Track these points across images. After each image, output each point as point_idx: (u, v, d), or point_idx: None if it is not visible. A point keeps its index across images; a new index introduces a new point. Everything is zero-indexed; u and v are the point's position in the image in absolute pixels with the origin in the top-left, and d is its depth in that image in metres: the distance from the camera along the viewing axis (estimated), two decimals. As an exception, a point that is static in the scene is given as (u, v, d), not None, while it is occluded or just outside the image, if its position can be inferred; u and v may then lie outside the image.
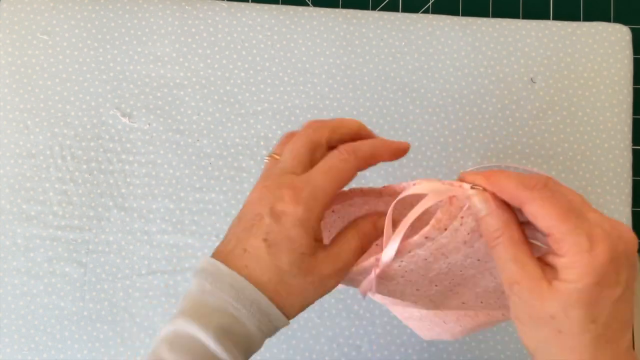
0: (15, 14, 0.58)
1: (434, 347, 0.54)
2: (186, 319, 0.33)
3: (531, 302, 0.30)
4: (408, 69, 0.57)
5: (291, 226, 0.33)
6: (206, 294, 0.34)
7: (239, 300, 0.33)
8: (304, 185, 0.34)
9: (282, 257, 0.33)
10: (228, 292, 0.33)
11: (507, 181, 0.31)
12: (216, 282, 0.34)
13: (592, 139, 0.56)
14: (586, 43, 0.57)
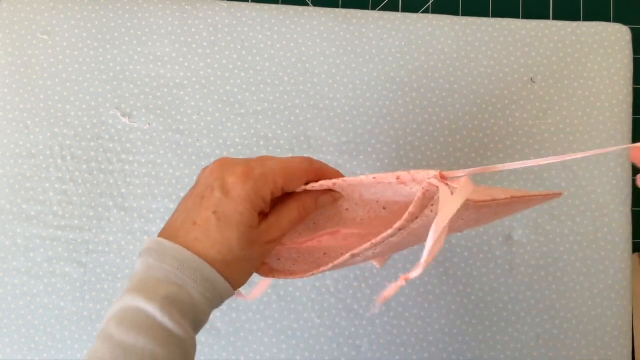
0: (15, 14, 0.58)
1: (434, 347, 0.54)
2: (132, 294, 0.34)
3: None
4: (408, 69, 0.57)
5: (240, 201, 0.35)
6: (151, 269, 0.34)
7: (182, 270, 0.34)
8: (257, 166, 0.36)
9: (231, 231, 0.35)
10: (171, 263, 0.34)
11: None
12: (159, 256, 0.35)
13: (592, 139, 0.56)
14: (586, 43, 0.57)
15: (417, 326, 0.54)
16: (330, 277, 0.55)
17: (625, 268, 0.55)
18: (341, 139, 0.57)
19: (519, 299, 0.55)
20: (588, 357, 0.54)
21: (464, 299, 0.55)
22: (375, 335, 0.54)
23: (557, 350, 0.54)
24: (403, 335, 0.54)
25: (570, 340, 0.54)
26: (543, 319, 0.54)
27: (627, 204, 0.56)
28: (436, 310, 0.54)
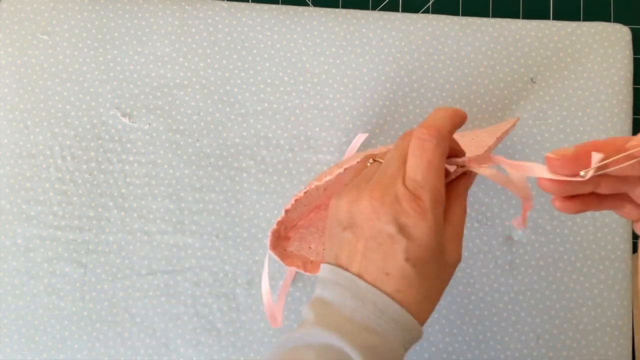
0: (15, 14, 0.58)
1: (434, 347, 0.54)
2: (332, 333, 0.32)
3: None
4: (408, 69, 0.57)
5: (428, 239, 0.33)
6: (349, 310, 0.33)
7: (385, 320, 0.32)
8: (421, 193, 0.33)
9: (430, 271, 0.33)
10: (373, 311, 0.32)
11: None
12: (358, 299, 0.33)
13: (592, 139, 0.56)
14: (586, 43, 0.57)
15: (417, 326, 0.54)
16: (330, 277, 0.55)
17: (625, 268, 0.55)
18: (341, 139, 0.57)
19: (519, 299, 0.55)
20: (588, 357, 0.54)
21: (464, 299, 0.55)
22: (375, 335, 0.54)
23: (557, 350, 0.54)
24: (403, 335, 0.54)
25: (570, 340, 0.54)
26: (543, 319, 0.54)
27: (627, 204, 0.56)
28: (436, 310, 0.54)
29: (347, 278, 0.33)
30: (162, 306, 0.55)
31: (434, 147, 0.34)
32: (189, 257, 0.55)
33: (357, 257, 0.34)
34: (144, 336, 0.54)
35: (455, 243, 0.35)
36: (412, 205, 0.33)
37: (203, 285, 0.55)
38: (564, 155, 0.30)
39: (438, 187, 0.33)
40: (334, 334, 0.32)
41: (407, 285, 0.33)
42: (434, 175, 0.33)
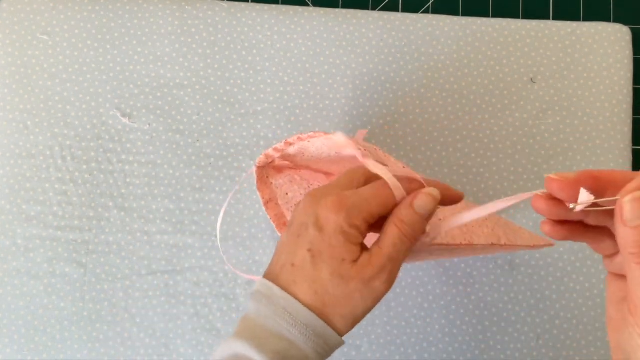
0: (15, 14, 0.58)
1: (434, 347, 0.54)
2: (242, 342, 0.33)
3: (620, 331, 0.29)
4: (408, 69, 0.57)
5: (333, 233, 0.33)
6: (262, 317, 0.33)
7: (294, 325, 0.33)
8: (350, 195, 0.34)
9: (323, 267, 0.33)
10: (282, 316, 0.33)
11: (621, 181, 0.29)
12: (270, 305, 0.33)
13: (592, 139, 0.56)
14: (586, 43, 0.57)
15: (417, 326, 0.54)
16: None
17: (625, 268, 0.55)
18: (341, 139, 0.56)
19: (519, 299, 0.55)
20: (588, 357, 0.54)
21: (464, 299, 0.55)
22: (375, 335, 0.54)
23: (557, 350, 0.54)
24: (403, 335, 0.54)
25: (570, 340, 0.54)
26: (543, 319, 0.54)
27: (627, 204, 0.56)
28: (436, 311, 0.54)
29: (266, 286, 0.34)
30: (162, 306, 0.55)
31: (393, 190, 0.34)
32: (189, 257, 0.55)
33: (282, 256, 0.35)
34: (144, 336, 0.54)
35: (374, 265, 0.33)
36: (334, 199, 0.33)
37: (203, 285, 0.55)
38: (566, 179, 0.29)
39: (369, 202, 0.33)
40: (245, 343, 0.32)
41: (302, 276, 0.33)
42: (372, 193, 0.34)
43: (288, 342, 0.33)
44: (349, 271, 0.33)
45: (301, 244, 0.34)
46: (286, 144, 0.43)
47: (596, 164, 0.56)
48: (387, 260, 0.34)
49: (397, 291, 0.55)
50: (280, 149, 0.43)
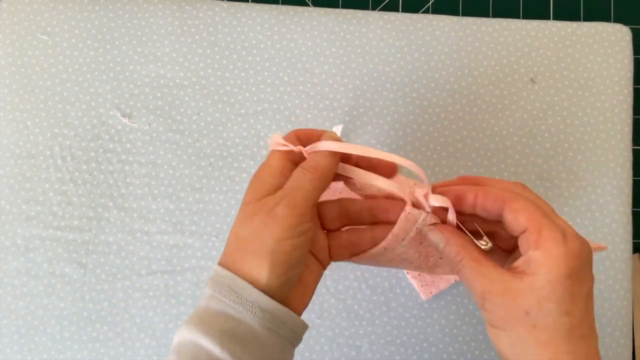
0: (15, 14, 0.58)
1: (434, 347, 0.54)
2: (189, 327, 0.33)
3: (505, 303, 0.31)
4: (408, 69, 0.57)
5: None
6: (208, 299, 0.34)
7: (240, 303, 0.33)
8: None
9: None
10: (227, 295, 0.33)
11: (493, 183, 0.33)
12: (214, 285, 0.34)
13: (592, 139, 0.56)
14: (586, 43, 0.57)
15: (417, 326, 0.54)
16: (330, 277, 0.55)
17: (625, 268, 0.55)
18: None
19: (519, 299, 0.55)
20: (588, 357, 0.54)
21: (464, 299, 0.55)
22: (375, 336, 0.54)
23: (557, 350, 0.54)
24: (403, 336, 0.54)
25: (571, 340, 0.54)
26: (543, 319, 0.54)
27: (627, 204, 0.56)
28: (436, 311, 0.54)
29: (214, 270, 0.34)
30: (162, 306, 0.54)
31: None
32: (189, 257, 0.55)
33: (230, 240, 0.35)
34: (143, 336, 0.54)
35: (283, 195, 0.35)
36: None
37: (203, 286, 0.55)
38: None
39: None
40: (191, 328, 0.33)
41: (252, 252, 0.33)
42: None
43: (235, 320, 0.33)
44: (253, 208, 0.34)
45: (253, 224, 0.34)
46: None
47: (596, 164, 0.56)
48: (289, 190, 0.35)
49: (397, 291, 0.55)
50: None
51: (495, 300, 0.31)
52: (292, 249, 0.34)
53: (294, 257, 0.34)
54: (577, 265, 0.30)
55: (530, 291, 0.30)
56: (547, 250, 0.30)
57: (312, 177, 0.35)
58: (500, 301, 0.31)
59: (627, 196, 0.56)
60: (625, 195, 0.56)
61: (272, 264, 0.33)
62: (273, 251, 0.33)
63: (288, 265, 0.34)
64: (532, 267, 0.30)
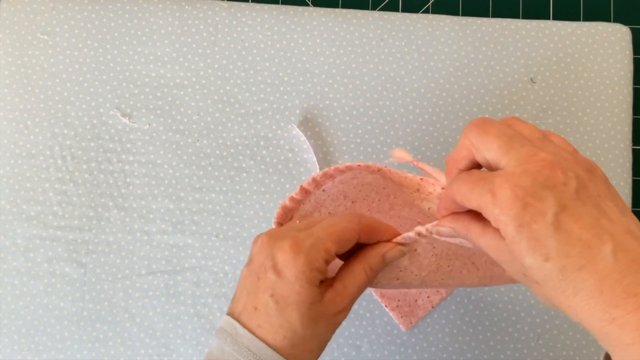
0: (15, 14, 0.58)
1: (433, 347, 0.54)
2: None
3: (513, 271, 0.30)
4: (408, 69, 0.57)
5: (295, 279, 0.34)
6: (225, 355, 0.34)
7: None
8: (305, 237, 0.34)
9: (291, 312, 0.34)
10: (245, 355, 0.33)
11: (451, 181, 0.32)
12: (234, 344, 0.34)
13: (592, 139, 0.56)
14: (586, 43, 0.57)
15: (417, 326, 0.54)
16: (330, 277, 0.55)
17: (625, 268, 0.55)
18: (341, 139, 0.57)
19: (519, 299, 0.55)
20: (588, 357, 0.54)
21: (464, 298, 0.55)
22: (375, 335, 0.54)
23: (557, 350, 0.54)
24: (403, 335, 0.54)
25: (570, 340, 0.54)
26: (543, 319, 0.54)
27: (627, 204, 0.56)
28: (436, 310, 0.54)
29: (230, 324, 0.35)
30: (162, 306, 0.55)
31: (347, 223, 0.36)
32: (189, 257, 0.55)
33: (243, 295, 0.36)
34: (144, 336, 0.54)
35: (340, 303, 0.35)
36: (290, 242, 0.34)
37: (203, 285, 0.55)
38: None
39: (324, 240, 0.34)
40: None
41: (268, 321, 0.34)
42: (326, 231, 0.35)
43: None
44: (317, 312, 0.34)
45: (262, 288, 0.34)
46: (302, 192, 0.41)
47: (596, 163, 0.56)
48: (352, 299, 0.36)
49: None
50: (297, 199, 0.42)
51: (507, 268, 0.31)
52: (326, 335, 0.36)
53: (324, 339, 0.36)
54: (517, 209, 0.27)
55: (511, 254, 0.29)
56: (490, 217, 0.29)
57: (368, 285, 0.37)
58: (509, 268, 0.31)
59: (627, 196, 0.56)
60: (625, 195, 0.56)
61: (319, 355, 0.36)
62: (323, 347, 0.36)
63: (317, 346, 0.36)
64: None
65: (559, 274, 0.27)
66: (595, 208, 0.28)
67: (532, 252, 0.27)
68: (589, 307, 0.27)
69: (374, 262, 0.36)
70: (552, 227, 0.27)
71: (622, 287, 0.26)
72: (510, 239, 0.28)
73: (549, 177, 0.28)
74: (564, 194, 0.28)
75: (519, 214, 0.27)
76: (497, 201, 0.28)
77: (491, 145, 0.30)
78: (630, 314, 0.26)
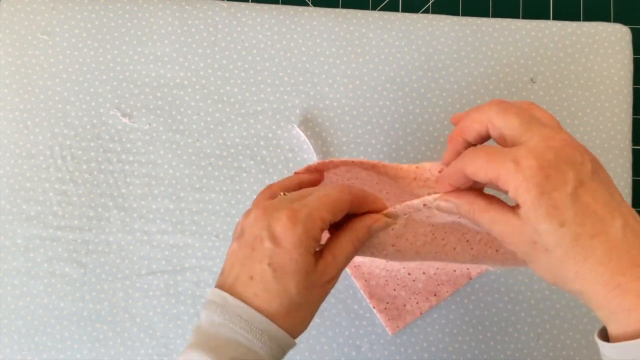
0: (15, 14, 0.58)
1: (433, 347, 0.54)
2: (199, 351, 0.33)
3: (517, 240, 0.32)
4: (408, 69, 0.57)
5: (293, 247, 0.34)
6: (216, 326, 0.34)
7: (250, 331, 0.34)
8: (301, 208, 0.35)
9: (289, 280, 0.34)
10: (238, 323, 0.34)
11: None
12: (225, 313, 0.34)
13: (592, 139, 0.56)
14: (586, 43, 0.57)
15: (417, 326, 0.54)
16: (330, 277, 0.55)
17: (625, 268, 0.55)
18: (341, 139, 0.57)
19: (519, 299, 0.55)
20: (588, 357, 0.54)
21: (464, 298, 0.55)
22: (375, 335, 0.54)
23: (557, 350, 0.54)
24: (403, 335, 0.54)
25: (570, 340, 0.54)
26: (543, 319, 0.54)
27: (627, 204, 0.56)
28: (436, 310, 0.54)
29: (220, 295, 0.35)
30: (162, 306, 0.54)
31: (340, 193, 0.36)
32: (189, 257, 0.55)
33: (235, 266, 0.36)
34: (144, 336, 0.54)
35: (330, 272, 0.36)
36: (287, 212, 0.35)
37: (203, 285, 0.55)
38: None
39: (320, 210, 0.35)
40: (202, 352, 0.33)
41: (264, 289, 0.34)
42: (321, 201, 0.35)
43: (245, 348, 0.34)
44: (312, 280, 0.35)
45: (258, 258, 0.35)
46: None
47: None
48: (340, 269, 0.37)
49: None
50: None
51: (510, 240, 0.32)
52: (318, 302, 0.37)
53: (315, 307, 0.37)
54: (540, 178, 0.29)
55: (526, 222, 0.30)
56: (510, 185, 0.30)
57: (355, 255, 0.38)
58: (513, 240, 0.32)
59: (627, 196, 0.56)
60: (625, 195, 0.56)
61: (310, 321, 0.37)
62: (314, 313, 0.37)
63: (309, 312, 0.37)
64: (517, 202, 0.31)
65: (572, 240, 0.29)
66: (606, 189, 0.30)
67: (550, 218, 0.29)
68: (597, 274, 0.29)
69: (360, 233, 0.37)
70: (570, 198, 0.29)
71: (629, 257, 0.29)
72: (530, 205, 0.30)
73: (570, 155, 0.30)
74: (582, 172, 0.30)
75: (542, 182, 0.29)
76: (520, 169, 0.30)
77: (512, 123, 0.32)
78: (634, 282, 0.28)
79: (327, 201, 0.36)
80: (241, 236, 0.36)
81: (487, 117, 0.33)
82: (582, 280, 0.30)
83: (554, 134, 0.31)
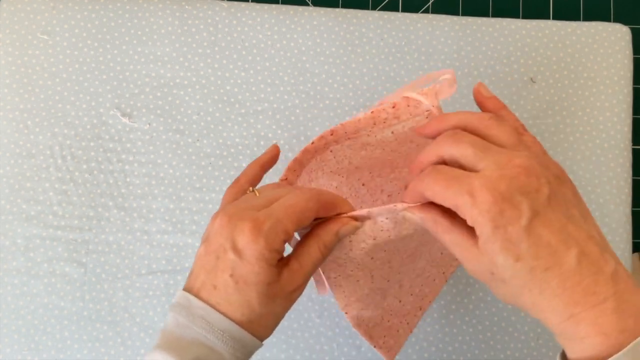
0: (15, 14, 0.58)
1: (433, 347, 0.54)
2: (163, 353, 0.34)
3: (477, 270, 0.32)
4: (408, 69, 0.57)
5: (255, 260, 0.34)
6: (180, 327, 0.35)
7: (211, 332, 0.34)
8: (264, 219, 0.35)
9: (250, 292, 0.35)
10: (200, 324, 0.34)
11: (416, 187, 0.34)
12: (189, 315, 0.35)
13: (592, 139, 0.56)
14: (586, 43, 0.57)
15: (417, 326, 0.54)
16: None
17: (625, 268, 0.55)
18: (341, 139, 0.57)
19: (519, 299, 0.55)
20: (588, 357, 0.54)
21: (464, 298, 0.55)
22: (375, 335, 0.54)
23: (557, 350, 0.54)
24: (403, 335, 0.54)
25: (570, 340, 0.54)
26: (543, 319, 0.54)
27: (627, 204, 0.56)
28: (436, 310, 0.54)
29: (185, 298, 0.36)
30: (162, 306, 0.55)
31: (306, 202, 0.36)
32: (189, 257, 0.55)
33: (202, 273, 0.36)
34: (144, 336, 0.54)
35: (296, 280, 0.36)
36: (250, 225, 0.34)
37: (203, 285, 0.55)
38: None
39: (285, 223, 0.35)
40: (164, 353, 0.34)
41: (226, 300, 0.35)
42: (286, 212, 0.35)
43: (207, 348, 0.34)
44: (275, 291, 0.35)
45: (221, 268, 0.35)
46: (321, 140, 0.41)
47: (596, 163, 0.56)
48: (307, 277, 0.37)
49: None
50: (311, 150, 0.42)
51: (470, 267, 0.32)
52: (282, 311, 0.37)
53: (279, 314, 0.37)
54: (495, 213, 0.29)
55: (483, 252, 0.31)
56: (467, 216, 0.30)
57: (322, 262, 0.38)
58: (472, 267, 0.32)
59: (627, 196, 0.56)
60: (625, 195, 0.56)
61: (274, 328, 0.37)
62: (279, 321, 0.37)
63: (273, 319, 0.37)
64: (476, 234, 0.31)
65: (527, 274, 0.30)
66: (563, 215, 0.30)
67: (506, 252, 0.30)
68: (553, 304, 0.30)
69: (327, 239, 0.37)
70: (525, 231, 0.29)
71: (581, 287, 0.29)
72: (485, 238, 0.30)
73: (525, 184, 0.30)
74: (536, 201, 0.30)
75: (496, 216, 0.29)
76: (476, 202, 0.30)
77: (466, 152, 0.32)
78: (587, 311, 0.29)
79: (293, 211, 0.35)
80: (207, 242, 0.36)
81: (442, 150, 0.33)
82: (538, 310, 0.31)
83: (508, 159, 0.31)
